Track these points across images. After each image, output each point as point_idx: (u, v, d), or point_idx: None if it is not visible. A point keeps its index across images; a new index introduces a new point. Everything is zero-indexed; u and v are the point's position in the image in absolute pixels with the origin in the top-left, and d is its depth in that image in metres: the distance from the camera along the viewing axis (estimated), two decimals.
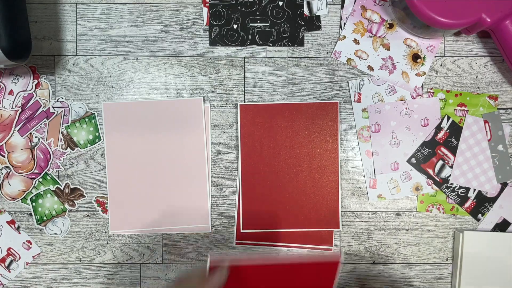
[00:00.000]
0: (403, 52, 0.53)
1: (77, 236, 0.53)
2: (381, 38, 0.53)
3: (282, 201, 0.53)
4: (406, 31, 0.53)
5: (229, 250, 0.53)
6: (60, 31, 0.53)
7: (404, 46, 0.53)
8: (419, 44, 0.53)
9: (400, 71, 0.53)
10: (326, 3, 0.53)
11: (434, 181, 0.54)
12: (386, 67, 0.53)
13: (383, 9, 0.53)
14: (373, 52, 0.53)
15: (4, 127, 0.53)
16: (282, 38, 0.53)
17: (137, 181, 0.53)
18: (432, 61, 0.54)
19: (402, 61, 0.53)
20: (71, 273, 0.54)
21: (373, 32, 0.53)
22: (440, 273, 0.54)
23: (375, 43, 0.53)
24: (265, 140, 0.52)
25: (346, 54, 0.54)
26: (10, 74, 0.53)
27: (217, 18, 0.53)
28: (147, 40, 0.53)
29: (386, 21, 0.53)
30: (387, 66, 0.53)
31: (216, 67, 0.53)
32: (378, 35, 0.53)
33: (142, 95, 0.53)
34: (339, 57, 0.53)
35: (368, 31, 0.53)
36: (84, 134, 0.53)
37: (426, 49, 0.53)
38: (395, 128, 0.54)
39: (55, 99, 0.53)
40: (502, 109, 0.54)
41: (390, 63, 0.53)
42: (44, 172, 0.53)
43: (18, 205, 0.53)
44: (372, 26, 0.53)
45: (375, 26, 0.53)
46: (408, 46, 0.53)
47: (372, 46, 0.53)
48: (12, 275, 0.53)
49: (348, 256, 0.54)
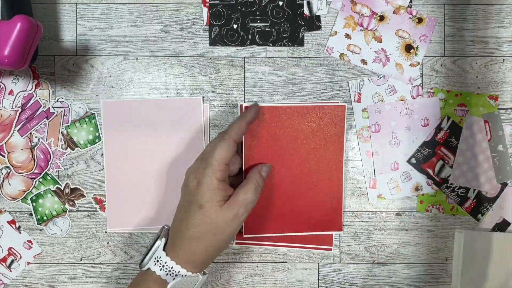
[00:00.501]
0: (396, 44, 0.53)
1: (77, 235, 0.54)
2: (372, 31, 0.53)
3: (285, 204, 0.52)
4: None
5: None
6: (60, 31, 0.53)
7: (397, 37, 0.53)
8: (412, 35, 0.53)
9: (393, 63, 0.53)
10: (326, 3, 0.53)
11: (434, 181, 0.54)
12: (379, 60, 0.53)
13: (373, 1, 0.53)
14: (366, 45, 0.53)
15: (4, 127, 0.53)
16: (282, 38, 0.53)
17: (135, 179, 0.53)
18: (432, 61, 0.54)
19: (395, 53, 0.53)
20: (72, 272, 0.54)
21: (364, 25, 0.53)
22: (439, 273, 0.54)
23: (367, 36, 0.53)
24: (267, 142, 0.51)
25: (338, 50, 0.53)
26: (10, 74, 0.53)
27: (217, 18, 0.53)
28: (147, 40, 0.53)
29: (377, 14, 0.53)
30: (380, 59, 0.53)
31: (216, 67, 0.53)
32: (369, 28, 0.53)
33: (142, 95, 0.53)
34: (331, 53, 0.53)
35: (359, 25, 0.53)
36: (84, 134, 0.53)
37: (418, 39, 0.53)
38: (395, 128, 0.54)
39: (55, 99, 0.53)
40: (502, 109, 0.54)
41: (383, 56, 0.53)
42: (44, 172, 0.53)
43: (18, 205, 0.53)
44: (363, 19, 0.53)
45: (365, 19, 0.53)
46: (400, 37, 0.53)
47: (364, 39, 0.53)
48: (13, 274, 0.53)
49: (348, 256, 0.54)
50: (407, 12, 0.53)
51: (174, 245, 0.44)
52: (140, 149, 0.53)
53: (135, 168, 0.53)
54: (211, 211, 0.43)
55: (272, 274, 0.54)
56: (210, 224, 0.43)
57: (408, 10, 0.53)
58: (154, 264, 0.43)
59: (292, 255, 0.54)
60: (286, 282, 0.54)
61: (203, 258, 0.44)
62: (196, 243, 0.43)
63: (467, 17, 0.54)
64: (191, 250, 0.43)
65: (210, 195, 0.43)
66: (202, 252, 0.43)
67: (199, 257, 0.44)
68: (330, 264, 0.54)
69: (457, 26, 0.54)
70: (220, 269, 0.54)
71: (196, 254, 0.43)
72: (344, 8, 0.53)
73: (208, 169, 0.43)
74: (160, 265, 0.43)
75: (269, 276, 0.54)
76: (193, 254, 0.43)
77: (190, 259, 0.43)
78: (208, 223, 0.43)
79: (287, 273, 0.54)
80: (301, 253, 0.54)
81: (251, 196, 0.44)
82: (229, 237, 0.44)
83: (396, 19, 0.53)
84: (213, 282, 0.54)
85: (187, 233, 0.43)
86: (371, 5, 0.53)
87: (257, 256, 0.54)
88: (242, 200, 0.44)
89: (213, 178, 0.43)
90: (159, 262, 0.43)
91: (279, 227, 0.52)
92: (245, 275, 0.54)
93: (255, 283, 0.54)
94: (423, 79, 0.54)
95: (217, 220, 0.43)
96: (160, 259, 0.43)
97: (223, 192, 0.43)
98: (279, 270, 0.54)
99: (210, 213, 0.43)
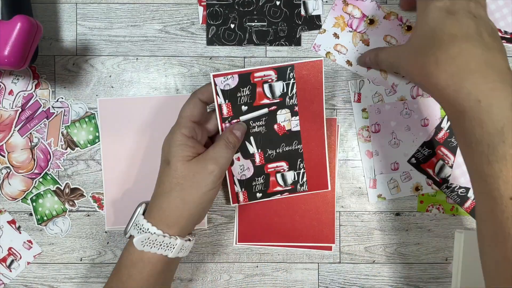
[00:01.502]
0: None
1: (77, 235, 0.54)
2: (361, 34, 0.53)
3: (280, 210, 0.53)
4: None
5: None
6: (60, 31, 0.53)
7: (384, 42, 0.53)
8: (399, 41, 0.53)
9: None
10: (321, 3, 0.53)
11: (434, 181, 0.54)
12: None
13: (364, 4, 0.53)
14: (353, 47, 0.53)
15: (4, 127, 0.53)
16: (279, 38, 0.53)
17: (133, 177, 0.53)
18: None
19: None
20: (72, 272, 0.54)
21: (353, 27, 0.53)
22: (439, 273, 0.54)
23: (354, 38, 0.53)
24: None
25: (325, 48, 0.53)
26: (10, 74, 0.53)
27: (214, 18, 0.53)
28: (147, 40, 0.53)
29: (367, 17, 0.53)
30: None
31: (216, 67, 0.53)
32: (358, 30, 0.53)
33: (142, 95, 0.53)
34: (318, 51, 0.53)
35: (349, 26, 0.53)
36: (84, 134, 0.53)
37: None
38: (395, 128, 0.53)
39: (55, 99, 0.53)
40: None
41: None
42: (44, 172, 0.53)
43: (18, 205, 0.53)
44: (353, 21, 0.53)
45: (355, 21, 0.53)
46: (388, 42, 0.53)
47: (351, 41, 0.53)
48: (13, 274, 0.53)
49: (348, 256, 0.54)
50: (397, 18, 0.53)
51: (150, 208, 0.44)
52: (137, 146, 0.53)
53: (133, 165, 0.53)
54: (177, 164, 0.42)
55: (272, 274, 0.54)
56: (177, 178, 0.42)
57: (398, 17, 0.53)
58: (133, 229, 0.43)
59: (292, 255, 0.54)
60: (286, 282, 0.54)
61: (176, 216, 0.42)
62: (166, 199, 0.42)
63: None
64: (162, 208, 0.42)
65: (176, 150, 0.42)
66: (172, 209, 0.42)
67: (171, 214, 0.42)
68: (330, 264, 0.54)
69: None
70: (220, 269, 0.54)
71: (167, 211, 0.42)
72: (335, 8, 0.53)
73: (175, 126, 0.44)
74: (138, 228, 0.42)
75: (269, 276, 0.54)
76: (164, 212, 0.42)
77: (163, 218, 0.42)
78: (175, 177, 0.42)
79: (287, 273, 0.54)
80: (301, 253, 0.54)
81: (221, 150, 0.44)
82: (201, 193, 0.42)
83: (385, 24, 0.53)
84: (213, 282, 0.54)
85: (157, 190, 0.43)
86: (363, 8, 0.53)
87: (257, 256, 0.54)
88: (211, 154, 0.43)
89: (179, 133, 0.43)
90: (137, 226, 0.43)
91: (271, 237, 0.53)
92: (245, 275, 0.54)
93: (255, 283, 0.54)
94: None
95: (184, 174, 0.42)
96: (138, 223, 0.43)
97: (192, 149, 0.43)
98: (279, 270, 0.54)
99: (176, 167, 0.42)
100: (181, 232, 0.43)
